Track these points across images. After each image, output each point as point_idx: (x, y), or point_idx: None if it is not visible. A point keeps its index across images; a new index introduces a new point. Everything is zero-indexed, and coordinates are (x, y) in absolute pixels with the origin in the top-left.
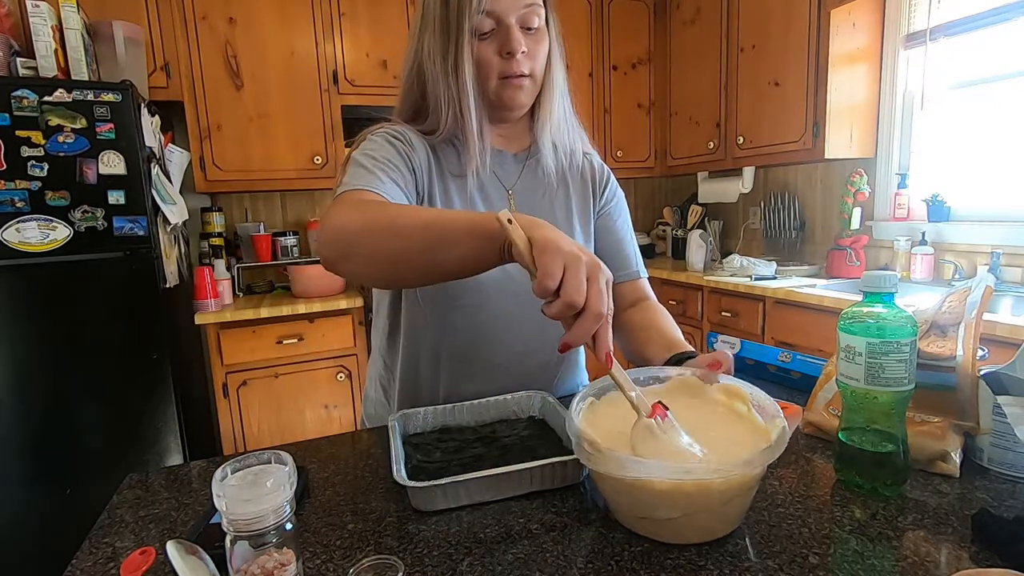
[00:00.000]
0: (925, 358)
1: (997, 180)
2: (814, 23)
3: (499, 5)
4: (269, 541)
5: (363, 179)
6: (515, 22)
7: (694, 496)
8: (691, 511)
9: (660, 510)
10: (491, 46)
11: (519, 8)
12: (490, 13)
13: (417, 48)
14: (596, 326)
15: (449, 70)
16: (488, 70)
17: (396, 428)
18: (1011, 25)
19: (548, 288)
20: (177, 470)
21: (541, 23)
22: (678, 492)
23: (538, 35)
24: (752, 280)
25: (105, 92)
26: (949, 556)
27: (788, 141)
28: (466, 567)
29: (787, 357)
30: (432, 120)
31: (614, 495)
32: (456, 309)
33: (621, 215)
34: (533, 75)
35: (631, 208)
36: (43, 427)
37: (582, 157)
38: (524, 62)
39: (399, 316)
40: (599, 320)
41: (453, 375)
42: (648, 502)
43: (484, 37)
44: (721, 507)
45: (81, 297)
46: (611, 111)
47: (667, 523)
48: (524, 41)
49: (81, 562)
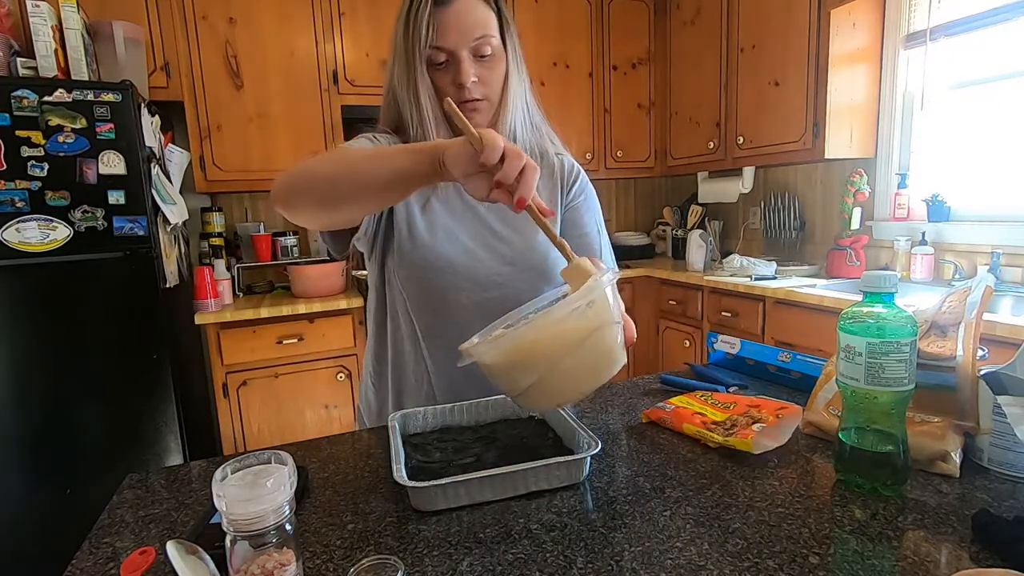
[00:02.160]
0: (925, 358)
1: (997, 180)
2: (814, 23)
3: (448, 41)
4: (269, 541)
5: None
6: (467, 54)
7: (543, 345)
8: (552, 362)
9: (528, 371)
10: (447, 75)
11: (469, 41)
12: (440, 48)
13: (389, 73)
14: (536, 177)
15: (411, 97)
16: (445, 96)
17: (396, 428)
18: (1011, 25)
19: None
20: (177, 470)
21: (495, 50)
22: (528, 346)
23: (492, 61)
24: (752, 280)
25: (105, 92)
26: (949, 556)
27: (788, 141)
28: (466, 567)
29: (787, 357)
30: (408, 135)
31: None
32: (428, 291)
33: (589, 211)
34: (488, 98)
35: (631, 208)
36: (43, 427)
37: (553, 156)
38: (476, 89)
39: (385, 301)
40: (537, 171)
41: (436, 355)
42: (522, 363)
43: (439, 67)
44: (578, 351)
45: (81, 297)
46: (611, 111)
47: (542, 386)
48: (476, 70)
49: (81, 562)
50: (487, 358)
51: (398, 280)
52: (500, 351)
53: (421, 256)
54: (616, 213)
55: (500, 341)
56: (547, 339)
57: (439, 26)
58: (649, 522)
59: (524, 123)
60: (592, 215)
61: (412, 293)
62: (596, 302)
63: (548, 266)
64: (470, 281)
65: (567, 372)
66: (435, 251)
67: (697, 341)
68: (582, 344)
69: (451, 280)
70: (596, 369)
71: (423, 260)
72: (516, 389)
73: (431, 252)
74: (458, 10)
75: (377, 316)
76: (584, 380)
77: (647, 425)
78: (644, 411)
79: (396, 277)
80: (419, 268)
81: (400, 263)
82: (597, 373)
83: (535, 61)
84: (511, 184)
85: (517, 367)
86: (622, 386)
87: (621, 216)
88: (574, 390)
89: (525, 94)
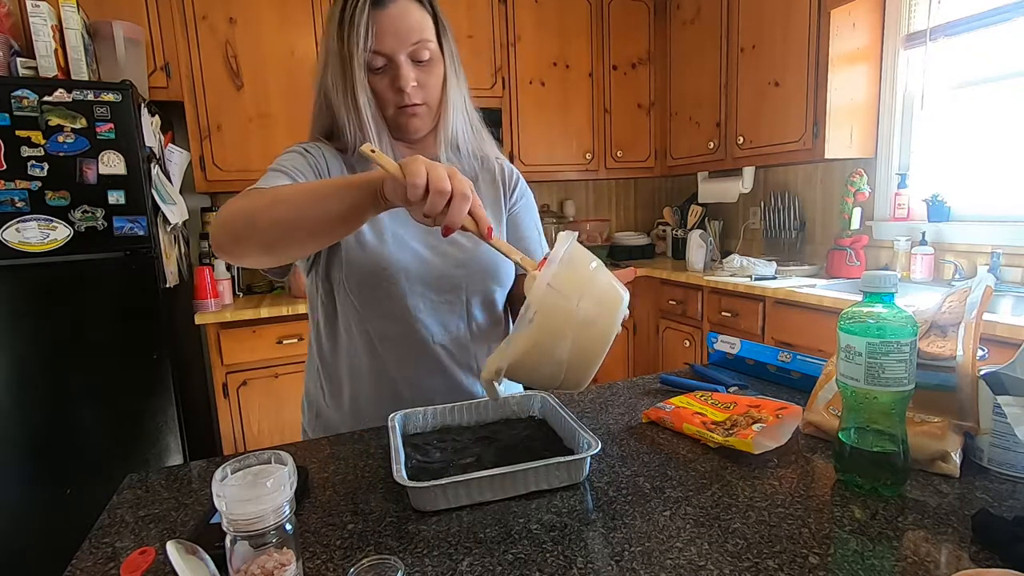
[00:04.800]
0: (925, 358)
1: (997, 180)
2: (814, 23)
3: (386, 46)
4: (269, 541)
5: (264, 181)
6: (405, 58)
7: (557, 319)
8: (572, 342)
9: (556, 351)
10: (385, 80)
11: (407, 46)
12: (379, 52)
13: (322, 77)
14: (467, 205)
15: (349, 102)
16: (384, 101)
17: (396, 428)
18: (1011, 25)
19: (418, 185)
20: (177, 470)
21: (433, 54)
22: (552, 321)
23: (430, 65)
24: (752, 280)
25: (105, 92)
26: (949, 556)
27: (788, 141)
28: (466, 567)
29: (787, 357)
30: (343, 140)
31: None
32: (381, 298)
33: (529, 213)
34: (427, 103)
35: (631, 208)
36: (43, 427)
37: (494, 161)
38: (416, 94)
39: (335, 314)
40: (467, 199)
41: (396, 361)
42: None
43: (378, 71)
44: (584, 330)
45: (81, 297)
46: (611, 111)
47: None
48: (415, 75)
49: (81, 562)
50: (503, 362)
51: (347, 291)
52: (513, 352)
53: (372, 263)
54: (616, 213)
55: (507, 350)
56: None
57: (376, 30)
58: (649, 522)
59: (465, 128)
60: (531, 216)
61: (364, 301)
62: (545, 304)
63: (498, 270)
64: (423, 285)
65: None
66: (386, 258)
67: (697, 341)
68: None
69: (404, 285)
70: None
71: (374, 267)
72: (556, 367)
73: (382, 259)
74: (395, 14)
75: (326, 331)
76: (597, 337)
77: (647, 425)
78: (644, 411)
79: (345, 288)
80: (371, 276)
81: (349, 273)
82: (603, 333)
83: (535, 61)
84: (438, 216)
85: (536, 355)
86: (622, 386)
87: (621, 216)
88: (597, 346)
89: (464, 98)
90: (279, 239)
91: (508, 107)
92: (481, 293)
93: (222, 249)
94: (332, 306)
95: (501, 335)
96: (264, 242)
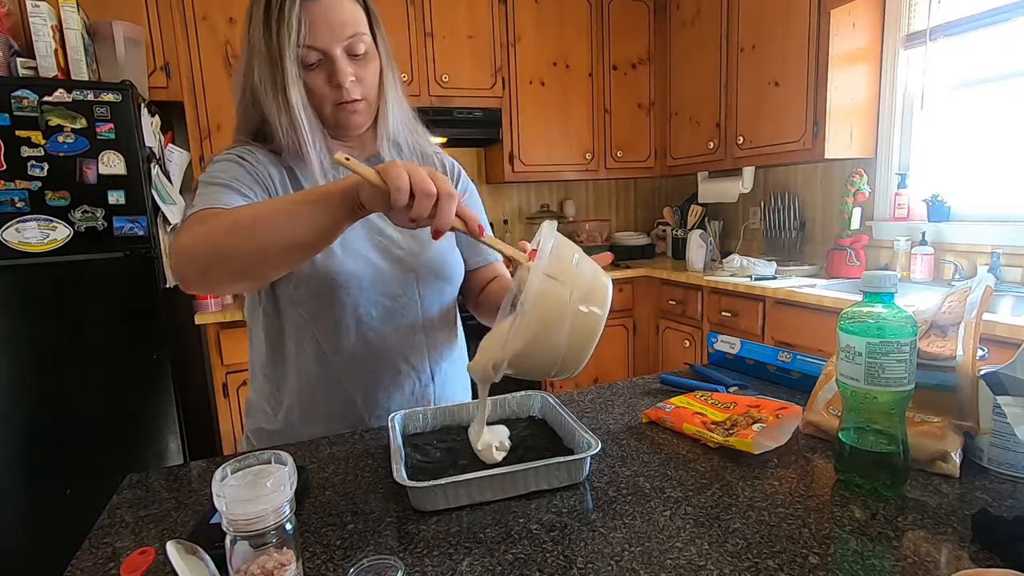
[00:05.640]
0: (925, 358)
1: (997, 180)
2: (814, 23)
3: (320, 40)
4: (269, 541)
5: (209, 199)
6: (340, 52)
7: (555, 309)
8: (569, 330)
9: (555, 340)
10: (320, 76)
11: (342, 40)
12: (312, 47)
13: (248, 77)
14: (455, 204)
15: (280, 100)
16: (321, 98)
17: (396, 428)
18: (1011, 25)
19: (402, 190)
20: (177, 470)
21: (368, 47)
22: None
23: (366, 59)
24: (752, 280)
25: (105, 92)
26: (949, 556)
27: (788, 141)
28: (466, 567)
29: (787, 357)
30: (276, 141)
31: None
32: (334, 308)
33: (475, 208)
34: (366, 98)
35: (631, 208)
36: (43, 427)
37: (434, 157)
38: (355, 89)
39: (281, 327)
40: (453, 199)
41: (345, 370)
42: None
43: (312, 67)
44: (579, 320)
45: (81, 297)
46: (611, 111)
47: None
48: (352, 69)
49: (81, 562)
50: (507, 352)
51: (296, 304)
52: (513, 345)
53: (323, 275)
54: (616, 213)
55: (505, 343)
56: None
57: (310, 24)
58: (649, 522)
59: (403, 123)
60: (478, 211)
61: (315, 313)
62: (544, 295)
63: (448, 269)
64: (376, 292)
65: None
66: (336, 268)
67: (697, 341)
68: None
69: (356, 294)
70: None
71: (325, 278)
72: (554, 357)
73: (331, 270)
74: (327, 5)
75: (271, 343)
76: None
77: (647, 425)
78: (644, 411)
79: (293, 301)
80: (322, 287)
81: (299, 285)
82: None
83: (535, 61)
84: (426, 220)
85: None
86: (622, 386)
87: (621, 216)
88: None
89: (399, 92)
90: (253, 265)
91: (508, 107)
92: (433, 294)
93: (189, 284)
94: (277, 319)
95: (454, 336)
96: (237, 270)
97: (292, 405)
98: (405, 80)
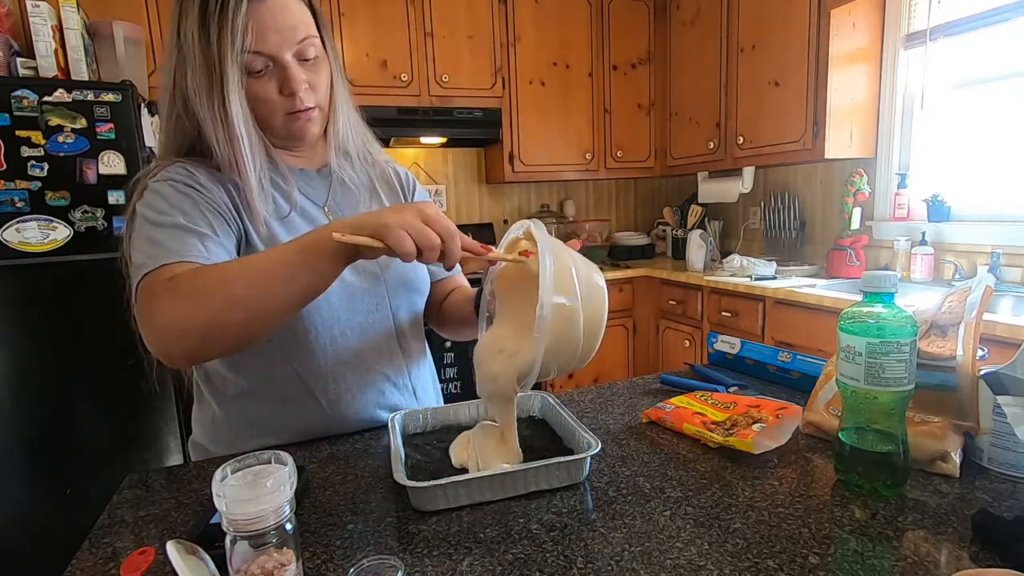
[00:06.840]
0: (925, 358)
1: (997, 180)
2: (814, 23)
3: (268, 45)
4: (269, 541)
5: (169, 251)
6: (291, 58)
7: (565, 321)
8: (584, 322)
9: (574, 336)
10: (269, 84)
11: (293, 44)
12: (260, 52)
13: (179, 83)
14: (459, 241)
15: (217, 112)
16: (270, 108)
17: (396, 428)
18: (1011, 25)
19: (410, 252)
20: (177, 470)
21: (319, 51)
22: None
23: (317, 63)
24: (752, 280)
25: (105, 92)
26: (949, 556)
27: (788, 141)
28: (466, 567)
29: (787, 357)
30: (215, 157)
31: None
32: (308, 333)
33: None
34: (319, 106)
35: (631, 208)
36: (43, 427)
37: (386, 166)
38: (308, 96)
39: (248, 358)
40: (456, 238)
41: (329, 395)
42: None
43: (258, 75)
44: (587, 308)
45: (81, 297)
46: (611, 111)
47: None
48: (305, 76)
49: (81, 562)
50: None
51: (271, 335)
52: (535, 352)
53: None
54: (616, 213)
55: (529, 353)
56: None
57: (257, 28)
58: (649, 522)
59: (352, 129)
60: None
61: (285, 341)
62: (559, 295)
63: (417, 280)
64: (349, 310)
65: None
66: None
67: (697, 341)
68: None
69: (327, 314)
70: None
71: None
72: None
73: None
74: (275, 7)
75: (234, 375)
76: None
77: (647, 425)
78: (644, 411)
79: (260, 345)
80: (295, 321)
81: None
82: None
83: (535, 61)
84: (435, 262)
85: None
86: (622, 386)
87: (621, 216)
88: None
89: (348, 98)
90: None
91: (508, 107)
92: (405, 306)
93: (176, 361)
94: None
95: (422, 349)
96: (233, 345)
97: (264, 433)
98: (405, 80)
